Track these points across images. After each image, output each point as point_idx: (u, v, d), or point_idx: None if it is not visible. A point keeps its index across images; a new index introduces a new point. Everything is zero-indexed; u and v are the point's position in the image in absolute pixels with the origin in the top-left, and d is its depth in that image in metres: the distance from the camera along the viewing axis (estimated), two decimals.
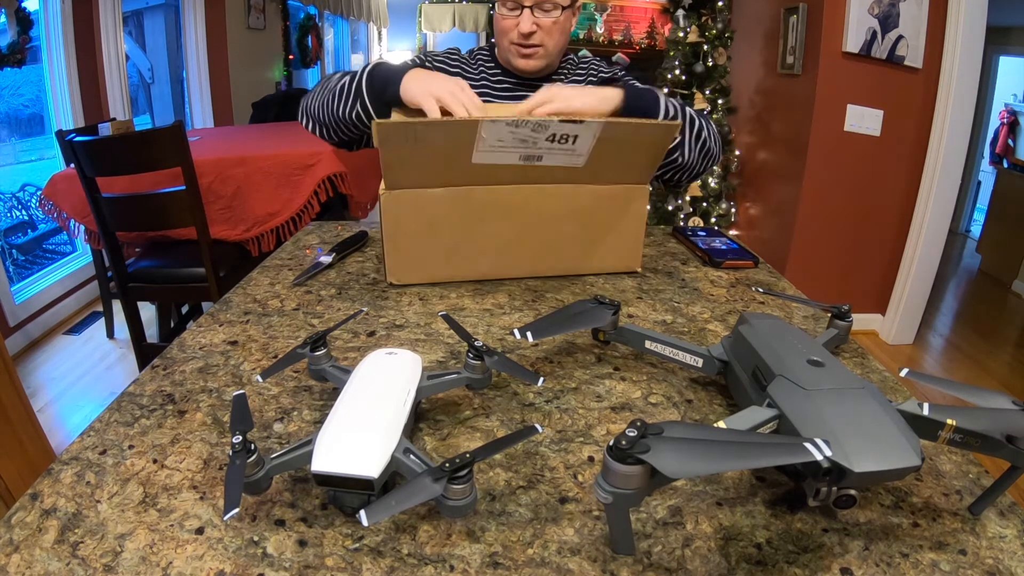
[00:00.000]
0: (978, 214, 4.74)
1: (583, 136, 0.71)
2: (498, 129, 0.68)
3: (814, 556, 0.39)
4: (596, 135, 0.71)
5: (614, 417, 0.53)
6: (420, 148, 0.70)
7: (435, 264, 0.80)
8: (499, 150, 0.71)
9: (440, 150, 0.70)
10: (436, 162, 0.72)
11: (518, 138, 0.70)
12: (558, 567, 0.38)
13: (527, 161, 0.73)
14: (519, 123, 0.68)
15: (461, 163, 0.72)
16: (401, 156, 0.71)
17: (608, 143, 0.72)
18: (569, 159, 0.74)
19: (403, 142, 0.69)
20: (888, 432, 0.38)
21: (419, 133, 0.69)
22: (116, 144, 1.67)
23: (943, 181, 2.53)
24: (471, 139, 0.69)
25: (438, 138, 0.70)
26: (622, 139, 0.73)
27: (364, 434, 0.40)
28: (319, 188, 2.06)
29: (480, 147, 0.70)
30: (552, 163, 0.74)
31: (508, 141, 0.70)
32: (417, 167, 0.73)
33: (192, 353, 0.63)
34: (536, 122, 0.69)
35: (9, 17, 2.52)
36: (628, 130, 0.73)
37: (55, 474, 0.45)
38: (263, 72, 4.77)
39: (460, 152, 0.71)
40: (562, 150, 0.72)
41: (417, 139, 0.69)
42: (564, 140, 0.71)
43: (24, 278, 2.87)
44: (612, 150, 0.73)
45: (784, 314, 0.75)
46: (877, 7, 2.35)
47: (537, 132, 0.69)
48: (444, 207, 0.77)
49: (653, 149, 0.76)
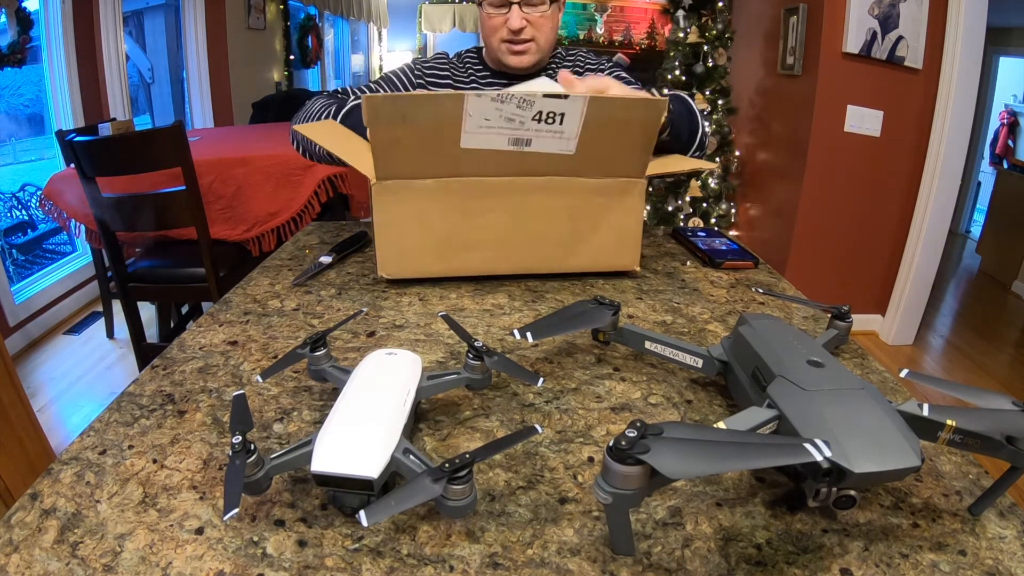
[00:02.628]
0: (978, 215, 4.74)
1: (570, 114, 0.70)
2: (483, 104, 0.68)
3: (814, 556, 0.39)
4: (583, 112, 0.70)
5: (614, 418, 0.53)
6: (409, 128, 0.70)
7: (427, 258, 0.80)
8: (487, 131, 0.71)
9: (429, 130, 0.70)
10: (426, 146, 0.72)
11: (504, 116, 0.69)
12: (558, 567, 0.38)
13: (516, 146, 0.73)
14: (504, 98, 0.68)
15: (450, 148, 0.72)
16: (391, 138, 0.71)
17: (597, 126, 0.72)
18: (559, 143, 0.73)
19: (392, 119, 0.69)
20: (888, 433, 0.38)
21: (407, 108, 0.69)
22: (116, 144, 1.67)
23: (943, 182, 2.53)
24: (458, 116, 0.69)
25: (426, 114, 0.70)
26: (611, 118, 0.72)
27: (364, 434, 0.40)
28: (319, 188, 2.06)
29: (467, 127, 0.70)
30: (542, 149, 0.73)
31: (495, 120, 0.70)
32: (407, 152, 0.72)
33: (192, 353, 0.63)
34: (521, 98, 0.68)
35: (9, 17, 2.52)
36: (615, 107, 0.72)
37: (55, 474, 0.45)
38: (263, 72, 4.77)
39: (449, 133, 0.71)
40: (550, 132, 0.72)
41: (405, 116, 0.69)
42: (551, 119, 0.70)
43: (24, 278, 2.87)
44: (602, 134, 0.73)
45: (784, 315, 0.75)
46: (877, 8, 2.35)
47: (523, 109, 0.69)
48: (435, 199, 0.76)
49: (643, 130, 0.75)
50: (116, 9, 3.08)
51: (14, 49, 2.54)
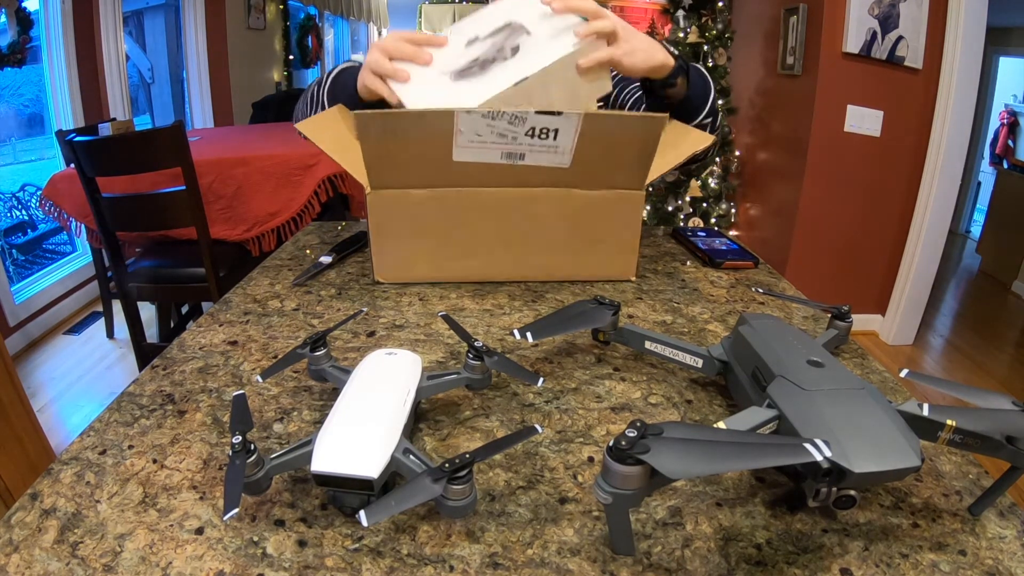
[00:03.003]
0: (978, 215, 4.74)
1: (563, 130, 0.69)
2: (474, 121, 0.68)
3: (814, 556, 0.39)
4: (577, 129, 0.69)
5: (614, 417, 0.53)
6: (399, 141, 0.69)
7: (422, 266, 0.80)
8: (479, 146, 0.70)
9: (419, 143, 0.70)
10: (418, 159, 0.71)
11: (496, 132, 0.69)
12: (558, 567, 0.38)
13: (510, 160, 0.72)
14: (495, 115, 0.68)
15: (443, 161, 0.71)
16: (383, 151, 0.71)
17: (593, 140, 0.70)
18: (553, 158, 0.72)
19: (383, 135, 0.69)
20: (888, 433, 0.38)
21: (396, 124, 0.69)
22: (116, 144, 1.67)
23: (943, 181, 2.53)
24: (448, 131, 0.68)
25: (416, 130, 0.69)
26: (607, 134, 0.71)
27: (364, 434, 0.40)
28: (319, 188, 2.06)
29: (459, 141, 0.69)
30: (536, 162, 0.72)
31: (487, 136, 0.69)
32: (400, 164, 0.72)
33: (192, 353, 0.63)
34: (512, 114, 0.68)
35: (9, 17, 2.52)
36: (612, 123, 0.71)
37: (55, 474, 0.45)
38: (263, 72, 4.78)
39: (440, 147, 0.70)
40: (544, 147, 0.71)
41: (395, 133, 0.69)
42: (544, 135, 0.69)
43: (24, 278, 2.87)
44: (598, 148, 0.71)
45: (784, 314, 0.75)
46: (877, 7, 2.35)
47: (515, 125, 0.68)
48: (430, 209, 0.76)
49: (642, 145, 0.73)
50: (116, 9, 3.08)
51: (14, 49, 2.54)
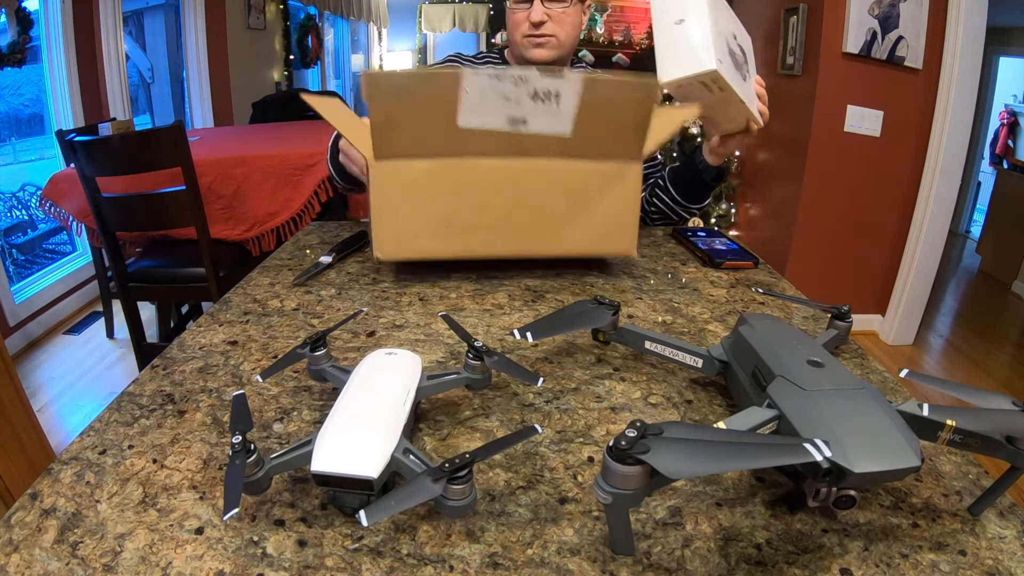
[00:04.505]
0: (978, 215, 4.74)
1: (565, 93, 0.72)
2: (480, 82, 0.70)
3: (814, 556, 0.39)
4: (579, 91, 0.72)
5: (614, 417, 0.53)
6: (407, 105, 0.72)
7: (423, 239, 0.80)
8: (483, 109, 0.72)
9: (427, 107, 0.72)
10: (424, 124, 0.73)
11: (500, 94, 0.71)
12: (558, 567, 0.38)
13: (513, 126, 0.74)
14: (500, 76, 0.70)
15: (448, 127, 0.73)
16: (389, 115, 0.72)
17: (593, 107, 0.73)
18: (555, 124, 0.74)
19: (391, 96, 0.72)
20: (888, 433, 0.38)
21: (405, 84, 0.72)
22: (116, 144, 1.67)
23: (943, 181, 2.53)
24: (455, 93, 0.71)
25: (424, 90, 0.72)
26: (606, 99, 0.74)
27: (364, 434, 0.40)
28: (319, 188, 2.06)
29: (464, 104, 0.71)
30: (539, 128, 0.74)
31: (491, 98, 0.72)
32: (405, 130, 0.73)
33: (192, 353, 0.63)
34: (517, 75, 0.70)
35: (9, 17, 2.52)
36: (611, 87, 0.74)
37: (55, 474, 0.45)
38: (263, 72, 4.78)
39: (446, 111, 0.72)
40: (546, 111, 0.73)
41: (403, 93, 0.72)
42: (547, 98, 0.72)
43: (24, 278, 2.87)
44: (598, 115, 0.74)
45: (784, 314, 0.75)
46: (877, 8, 2.35)
47: (519, 87, 0.71)
48: (432, 179, 0.77)
49: (638, 108, 0.76)
50: (116, 9, 3.08)
51: (14, 49, 2.54)
